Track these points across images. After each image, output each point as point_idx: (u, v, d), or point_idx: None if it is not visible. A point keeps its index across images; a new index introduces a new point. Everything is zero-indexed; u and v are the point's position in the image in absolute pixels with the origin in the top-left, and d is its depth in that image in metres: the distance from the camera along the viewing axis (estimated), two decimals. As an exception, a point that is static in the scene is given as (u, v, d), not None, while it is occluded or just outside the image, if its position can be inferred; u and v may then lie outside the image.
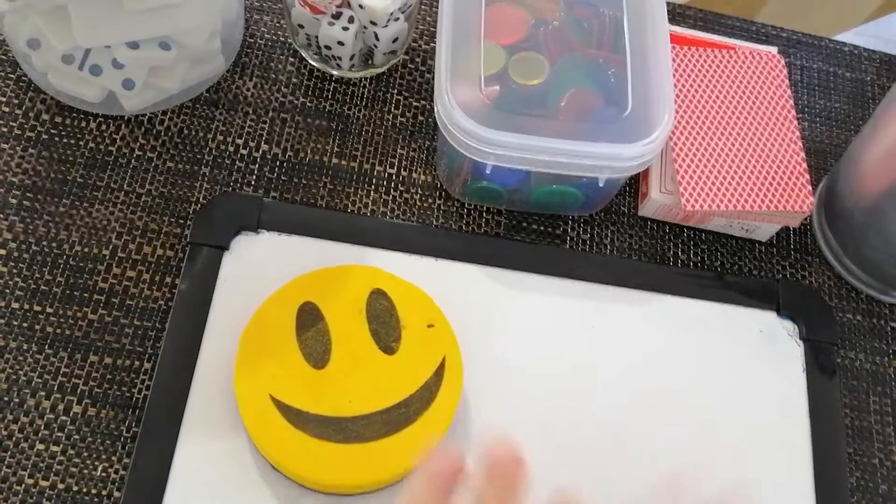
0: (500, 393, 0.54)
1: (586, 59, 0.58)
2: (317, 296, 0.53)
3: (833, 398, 0.57)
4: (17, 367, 0.52)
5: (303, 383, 0.50)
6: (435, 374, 0.51)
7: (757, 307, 0.60)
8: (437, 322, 0.53)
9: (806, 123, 0.69)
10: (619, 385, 0.56)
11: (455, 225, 0.61)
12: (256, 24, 0.65)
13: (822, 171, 0.68)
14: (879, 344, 0.62)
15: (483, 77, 0.55)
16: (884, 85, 0.72)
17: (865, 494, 0.57)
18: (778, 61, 0.65)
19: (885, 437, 0.59)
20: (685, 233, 0.63)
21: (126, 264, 0.56)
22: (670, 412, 0.55)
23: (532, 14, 0.59)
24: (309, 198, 0.60)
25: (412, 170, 0.62)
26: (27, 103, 0.59)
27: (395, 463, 0.49)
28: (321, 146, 0.62)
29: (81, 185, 0.57)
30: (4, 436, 0.50)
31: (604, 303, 0.58)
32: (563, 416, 0.54)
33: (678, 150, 0.60)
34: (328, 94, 0.63)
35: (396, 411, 0.50)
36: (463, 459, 0.38)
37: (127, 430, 0.51)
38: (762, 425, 0.56)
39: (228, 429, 0.51)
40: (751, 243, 0.64)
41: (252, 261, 0.56)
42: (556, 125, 0.55)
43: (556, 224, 0.62)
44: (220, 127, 0.61)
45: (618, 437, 0.54)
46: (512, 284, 0.58)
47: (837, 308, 0.62)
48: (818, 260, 0.64)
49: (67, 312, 0.54)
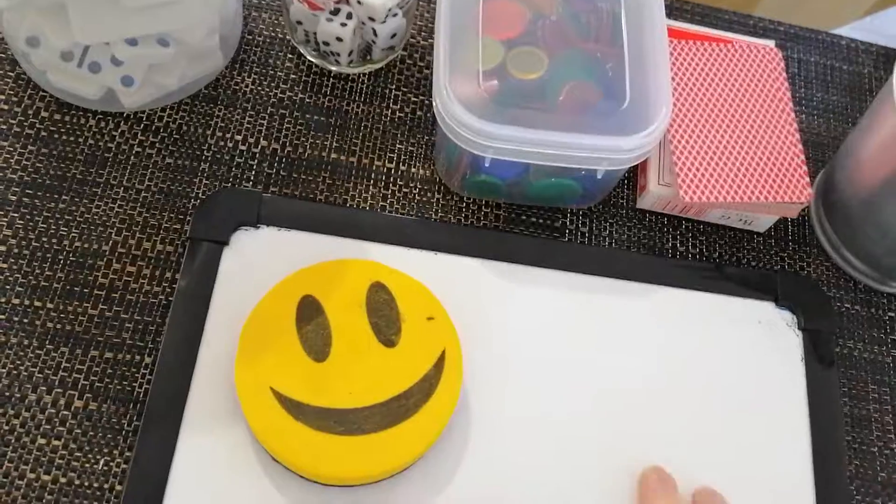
0: (500, 385, 0.55)
1: (584, 53, 0.58)
2: (317, 289, 0.53)
3: (832, 387, 0.57)
4: (17, 363, 0.52)
5: (303, 376, 0.50)
6: (435, 366, 0.52)
7: (755, 298, 0.60)
8: (437, 315, 0.53)
9: (803, 116, 0.70)
10: (618, 376, 0.56)
11: (454, 218, 0.61)
12: (255, 21, 0.65)
13: (820, 163, 0.68)
14: (878, 333, 0.62)
15: (481, 72, 0.55)
16: (881, 77, 0.73)
17: (864, 482, 0.57)
18: (775, 54, 0.66)
19: (884, 426, 0.59)
20: (683, 224, 0.63)
21: (126, 260, 0.56)
22: (670, 403, 0.56)
23: (530, 8, 0.59)
24: (308, 193, 0.60)
25: (411, 164, 0.62)
26: (26, 101, 0.60)
27: (395, 455, 0.49)
28: (320, 141, 0.62)
29: (81, 181, 0.58)
30: (6, 431, 0.50)
31: (602, 295, 0.58)
32: (562, 408, 0.54)
33: (676, 142, 0.61)
34: (327, 89, 0.64)
35: (396, 403, 0.50)
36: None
37: (128, 424, 0.52)
38: (761, 415, 0.56)
39: (229, 422, 0.51)
40: (749, 234, 0.64)
41: (252, 256, 0.56)
42: (555, 118, 0.55)
43: (555, 217, 0.62)
44: (220, 123, 0.61)
45: (617, 429, 0.54)
46: (511, 277, 0.58)
47: (835, 298, 0.63)
48: (816, 251, 0.64)
49: (68, 308, 0.54)
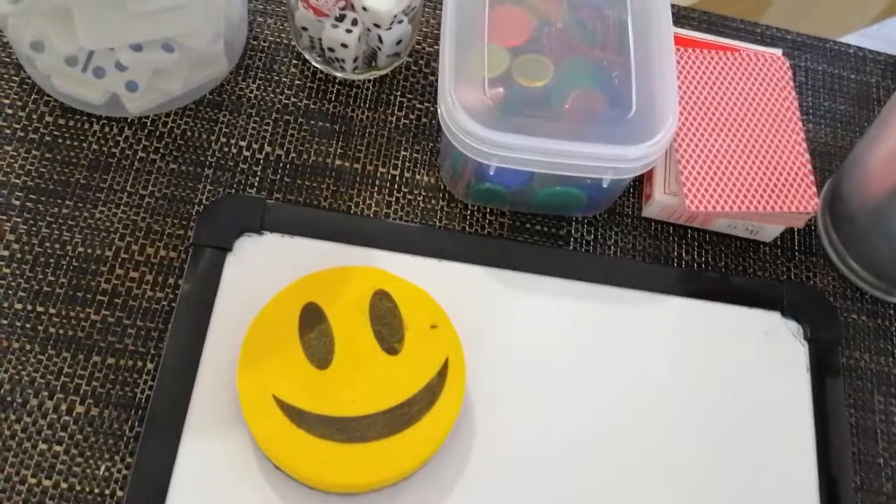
0: (503, 394, 0.54)
1: (590, 61, 0.58)
2: (320, 296, 0.53)
3: (837, 398, 0.57)
4: (20, 368, 0.52)
5: (306, 383, 0.50)
6: (438, 374, 0.51)
7: (761, 308, 0.59)
8: (441, 323, 0.53)
9: (811, 125, 0.69)
10: (622, 386, 0.56)
11: (458, 226, 0.60)
12: (260, 27, 0.65)
13: (827, 173, 0.67)
14: (884, 344, 0.61)
15: (487, 79, 0.55)
16: (889, 87, 0.72)
17: (870, 494, 0.56)
18: (783, 63, 0.65)
19: (890, 437, 0.58)
20: (689, 234, 0.63)
21: (129, 265, 0.56)
22: (675, 412, 0.55)
23: (536, 16, 0.59)
24: (312, 199, 0.60)
25: (415, 171, 0.62)
26: (31, 105, 0.59)
27: (397, 463, 0.49)
28: (324, 148, 0.62)
29: (84, 186, 0.58)
30: (8, 436, 0.50)
31: (607, 304, 0.58)
32: (565, 416, 0.54)
33: (682, 151, 0.60)
34: (331, 96, 0.64)
35: (399, 411, 0.50)
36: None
37: (130, 430, 0.51)
38: (767, 425, 0.56)
39: (231, 428, 0.51)
40: (755, 244, 0.63)
41: (255, 262, 0.56)
42: (560, 126, 0.55)
43: (560, 225, 0.62)
44: (224, 129, 0.61)
45: (621, 438, 0.54)
46: (515, 285, 0.58)
47: (842, 309, 0.62)
48: (823, 261, 0.64)
49: (70, 313, 0.54)
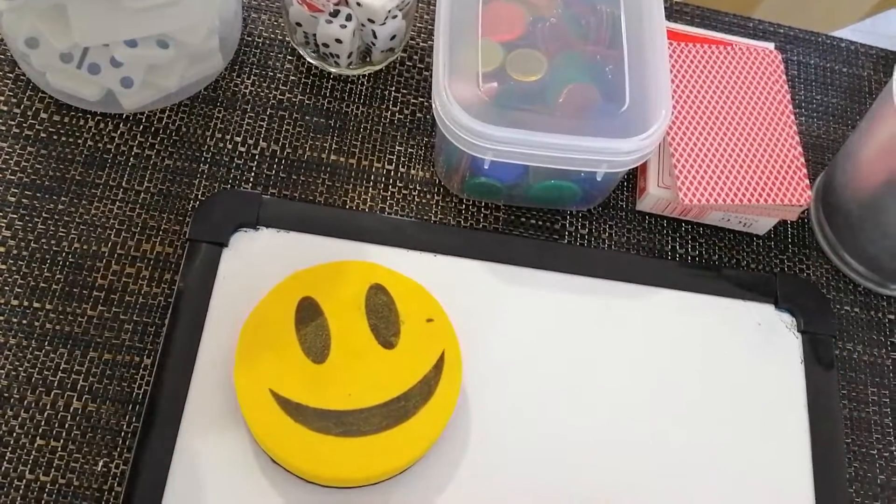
0: (499, 387, 0.54)
1: (584, 56, 0.58)
2: (316, 291, 0.53)
3: (831, 390, 0.57)
4: (17, 364, 0.52)
5: (302, 377, 0.50)
6: (434, 368, 0.52)
7: (755, 300, 0.60)
8: (436, 316, 0.53)
9: (803, 118, 0.70)
10: (617, 378, 0.56)
11: (453, 220, 0.61)
12: (254, 23, 0.65)
13: (820, 166, 0.68)
14: (877, 336, 0.62)
15: (481, 74, 0.55)
16: (880, 80, 0.73)
17: (864, 484, 0.57)
18: (775, 57, 0.66)
19: (883, 428, 0.59)
20: (683, 227, 0.63)
21: (125, 261, 0.56)
22: (669, 405, 0.56)
23: (529, 11, 0.59)
24: (307, 194, 0.60)
25: (410, 166, 0.62)
26: (25, 102, 0.60)
27: (394, 456, 0.49)
28: (319, 143, 0.62)
29: (80, 182, 0.58)
30: (5, 432, 0.50)
31: (602, 297, 0.58)
32: (561, 409, 0.54)
33: (676, 144, 0.61)
34: (326, 91, 0.64)
35: (396, 405, 0.50)
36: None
37: (127, 426, 0.52)
38: (761, 417, 0.56)
39: (228, 423, 0.51)
40: (749, 237, 0.64)
41: (251, 257, 0.56)
42: (554, 120, 0.55)
43: (555, 219, 0.62)
44: (219, 124, 0.61)
45: (616, 429, 0.54)
46: (510, 279, 0.58)
47: (835, 300, 0.63)
48: (816, 253, 0.64)
49: (67, 309, 0.54)
